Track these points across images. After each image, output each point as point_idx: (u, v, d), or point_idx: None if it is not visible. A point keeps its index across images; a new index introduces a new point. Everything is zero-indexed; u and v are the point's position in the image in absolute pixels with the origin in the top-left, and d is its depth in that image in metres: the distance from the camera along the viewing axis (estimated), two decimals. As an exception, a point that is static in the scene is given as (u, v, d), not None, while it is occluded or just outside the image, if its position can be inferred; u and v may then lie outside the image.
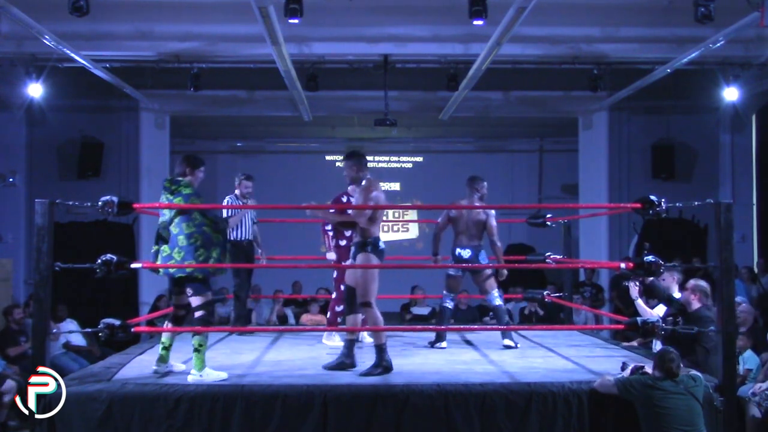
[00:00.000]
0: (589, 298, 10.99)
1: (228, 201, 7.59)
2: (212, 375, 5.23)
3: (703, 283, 6.00)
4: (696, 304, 5.89)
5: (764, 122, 12.66)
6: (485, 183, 7.01)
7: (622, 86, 11.01)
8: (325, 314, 11.19)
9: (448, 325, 7.18)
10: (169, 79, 10.95)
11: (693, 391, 4.77)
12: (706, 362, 5.64)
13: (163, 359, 5.48)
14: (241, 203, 7.62)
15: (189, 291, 5.36)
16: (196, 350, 5.25)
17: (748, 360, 7.37)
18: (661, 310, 6.72)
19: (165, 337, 5.52)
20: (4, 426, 7.36)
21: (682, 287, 6.89)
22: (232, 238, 7.44)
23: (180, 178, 5.41)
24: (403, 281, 11.95)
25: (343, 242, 7.06)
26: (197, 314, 5.38)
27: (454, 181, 9.61)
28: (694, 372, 4.98)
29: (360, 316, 5.79)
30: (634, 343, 7.07)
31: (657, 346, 6.44)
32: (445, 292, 7.05)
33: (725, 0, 7.69)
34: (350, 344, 5.71)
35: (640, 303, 6.82)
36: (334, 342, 6.89)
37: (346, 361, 5.64)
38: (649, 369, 4.98)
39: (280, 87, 10.40)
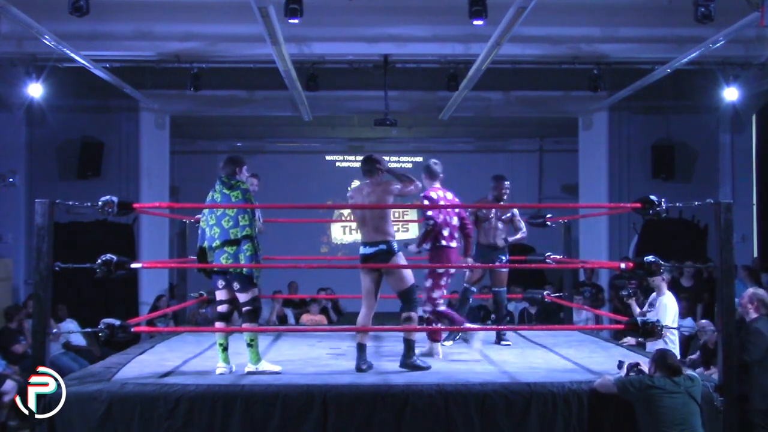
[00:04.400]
0: (589, 298, 11.00)
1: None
2: (268, 367, 5.46)
3: (762, 292, 5.85)
4: (753, 314, 5.74)
5: (764, 122, 12.66)
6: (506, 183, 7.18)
7: (622, 86, 11.01)
8: (326, 314, 11.27)
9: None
10: (169, 79, 10.95)
11: (691, 391, 4.77)
12: (745, 375, 5.47)
13: (225, 360, 5.55)
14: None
15: (236, 286, 5.50)
16: (249, 345, 5.47)
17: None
18: (669, 314, 6.76)
19: (221, 338, 5.59)
20: (4, 426, 7.37)
21: (671, 287, 6.96)
22: None
23: (237, 177, 5.61)
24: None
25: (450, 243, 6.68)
26: (245, 309, 5.54)
27: (454, 181, 9.59)
28: (691, 372, 4.98)
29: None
30: (631, 341, 7.08)
31: (655, 346, 6.49)
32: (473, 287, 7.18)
33: (725, 0, 7.69)
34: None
35: (633, 304, 7.16)
36: None
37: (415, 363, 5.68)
38: (644, 366, 4.99)
39: (280, 87, 10.40)
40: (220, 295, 5.64)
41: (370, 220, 5.78)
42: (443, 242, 6.38)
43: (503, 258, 7.21)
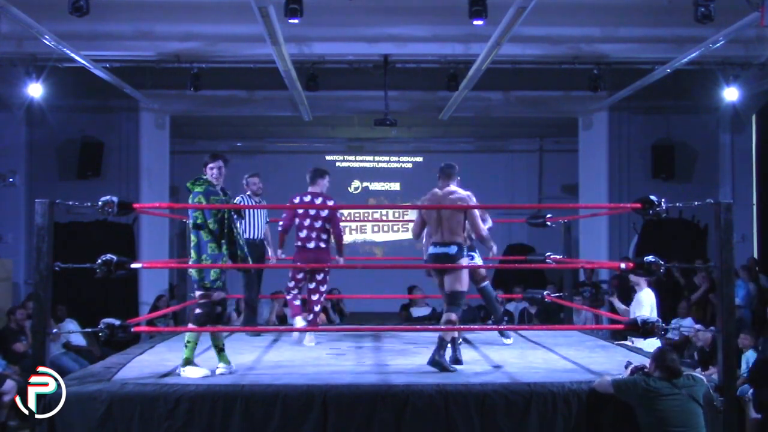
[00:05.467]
0: (589, 298, 11.00)
1: (239, 200, 7.57)
2: (191, 372, 5.31)
3: None
4: None
5: (764, 122, 12.66)
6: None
7: (622, 86, 11.01)
8: (326, 314, 11.27)
9: None
10: (169, 79, 10.95)
11: (691, 391, 4.74)
12: None
13: (224, 360, 5.51)
14: (254, 202, 7.61)
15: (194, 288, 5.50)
16: (185, 344, 5.40)
17: (751, 360, 7.39)
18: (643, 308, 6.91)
19: (213, 340, 5.58)
20: (4, 426, 7.37)
21: (651, 285, 7.11)
22: (245, 237, 7.40)
23: (201, 176, 5.55)
24: (403, 281, 11.97)
25: (310, 244, 7.01)
26: (195, 311, 5.48)
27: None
28: (694, 373, 4.97)
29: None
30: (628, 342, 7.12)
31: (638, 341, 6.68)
32: None
33: (725, 0, 7.69)
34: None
35: (615, 301, 7.57)
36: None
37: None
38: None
39: (280, 87, 10.40)
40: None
41: (446, 222, 5.88)
42: (299, 243, 6.92)
43: (472, 255, 7.09)
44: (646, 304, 6.94)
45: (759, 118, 12.71)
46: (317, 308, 7.08)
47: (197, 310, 5.48)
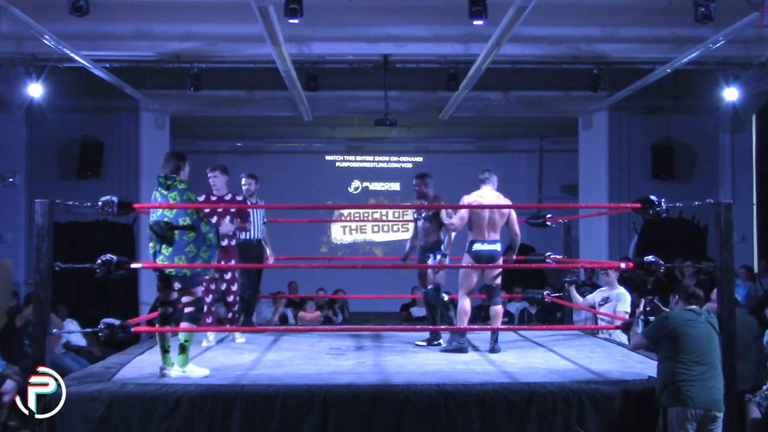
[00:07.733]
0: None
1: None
2: (195, 372, 5.29)
3: None
4: None
5: (764, 122, 12.66)
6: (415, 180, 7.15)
7: (622, 86, 11.01)
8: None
9: None
10: (169, 79, 10.96)
11: (712, 321, 4.83)
12: None
13: (167, 361, 5.44)
14: (248, 203, 7.60)
15: (176, 286, 5.38)
16: (181, 346, 5.31)
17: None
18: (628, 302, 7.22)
19: (161, 339, 5.49)
20: (4, 426, 7.37)
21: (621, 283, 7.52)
22: (242, 238, 7.38)
23: (174, 175, 5.39)
24: (403, 281, 11.97)
25: (224, 242, 6.97)
26: (186, 310, 5.40)
27: (454, 181, 9.66)
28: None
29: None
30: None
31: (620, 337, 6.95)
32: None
33: (725, 0, 7.69)
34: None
35: (573, 290, 7.81)
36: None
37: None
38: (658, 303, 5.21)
39: (280, 87, 10.41)
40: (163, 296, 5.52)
41: (495, 223, 6.55)
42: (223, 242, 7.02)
43: (435, 256, 6.96)
44: (627, 301, 7.32)
45: (759, 118, 12.70)
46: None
47: (188, 309, 5.41)
